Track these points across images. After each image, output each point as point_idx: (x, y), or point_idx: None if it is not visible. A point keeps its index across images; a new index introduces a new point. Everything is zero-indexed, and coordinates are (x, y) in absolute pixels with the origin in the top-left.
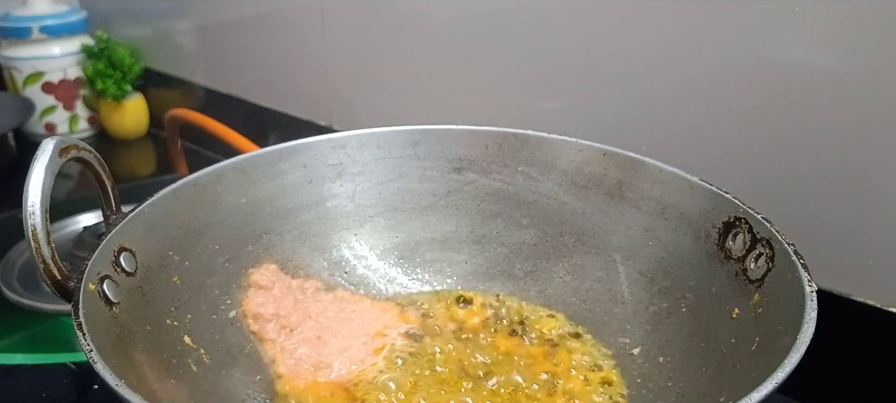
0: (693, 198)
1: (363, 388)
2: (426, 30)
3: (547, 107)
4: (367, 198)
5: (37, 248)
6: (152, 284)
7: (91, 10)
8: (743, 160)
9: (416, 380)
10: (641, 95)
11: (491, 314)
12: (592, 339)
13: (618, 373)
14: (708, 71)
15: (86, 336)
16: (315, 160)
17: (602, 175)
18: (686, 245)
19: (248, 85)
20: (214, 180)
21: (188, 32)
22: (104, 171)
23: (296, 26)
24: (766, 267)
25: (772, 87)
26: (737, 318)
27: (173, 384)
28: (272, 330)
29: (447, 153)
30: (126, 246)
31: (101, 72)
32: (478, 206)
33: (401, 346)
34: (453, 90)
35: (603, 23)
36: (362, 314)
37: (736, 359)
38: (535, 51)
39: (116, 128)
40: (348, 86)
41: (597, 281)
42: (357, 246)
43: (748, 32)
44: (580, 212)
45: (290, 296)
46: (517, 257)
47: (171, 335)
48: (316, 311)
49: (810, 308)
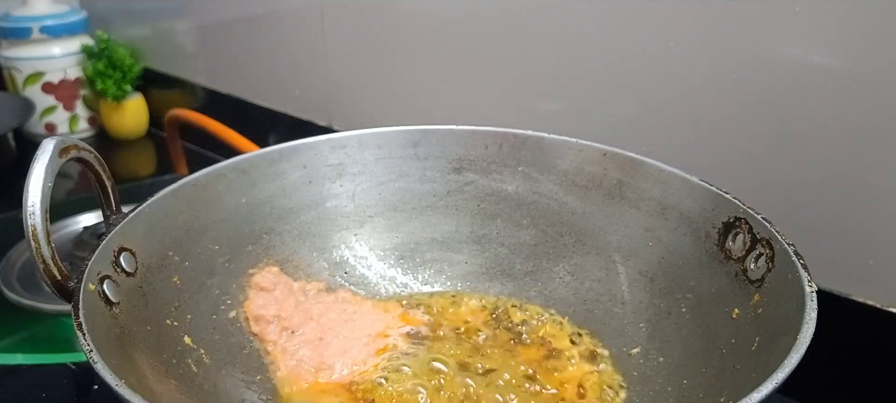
0: (693, 199)
1: (365, 388)
2: (426, 30)
3: (547, 108)
4: (367, 198)
5: (37, 248)
6: (152, 284)
7: (91, 10)
8: (743, 160)
9: (418, 380)
10: (641, 95)
11: (491, 314)
12: (592, 339)
13: (618, 373)
14: (708, 71)
15: (86, 337)
16: (315, 160)
17: (602, 175)
18: (686, 245)
19: (248, 85)
20: (214, 180)
21: (188, 32)
22: (104, 171)
23: (296, 26)
24: (766, 267)
25: (772, 87)
26: (737, 318)
27: (173, 384)
28: (274, 331)
29: (447, 153)
30: (126, 246)
31: (101, 72)
32: (478, 206)
33: (403, 347)
34: (453, 90)
35: (603, 23)
36: (364, 315)
37: (736, 359)
38: (536, 51)
39: (116, 129)
40: (348, 87)
41: (597, 281)
42: (357, 246)
43: (748, 32)
44: (580, 212)
45: (291, 298)
46: (517, 257)
47: (171, 335)
48: (317, 313)
49: (810, 308)
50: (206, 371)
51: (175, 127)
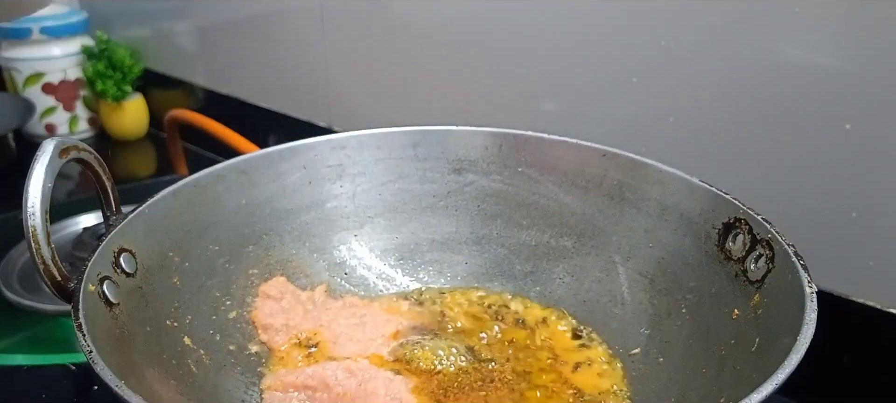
0: (693, 199)
1: (399, 356)
2: (426, 30)
3: (547, 108)
4: (367, 198)
5: (37, 249)
6: (152, 285)
7: (91, 11)
8: (743, 160)
9: (445, 349)
10: (641, 96)
11: (491, 315)
12: (592, 340)
13: (617, 374)
14: (708, 72)
15: (86, 337)
16: (315, 161)
17: (602, 176)
18: (686, 246)
19: (248, 86)
20: (214, 181)
21: (188, 33)
22: (104, 172)
23: (296, 27)
24: (767, 268)
25: (772, 88)
26: (737, 319)
27: (173, 385)
28: (282, 339)
29: (447, 154)
30: (126, 246)
31: (101, 73)
32: (478, 207)
33: (415, 339)
34: (453, 90)
35: (603, 24)
36: (374, 316)
37: (736, 360)
38: (535, 51)
39: (116, 129)
40: (348, 87)
41: (596, 281)
42: (357, 247)
43: (748, 33)
44: (580, 213)
45: (299, 307)
46: (517, 258)
47: (170, 336)
48: (327, 319)
49: (810, 309)
50: (206, 372)
51: (175, 127)
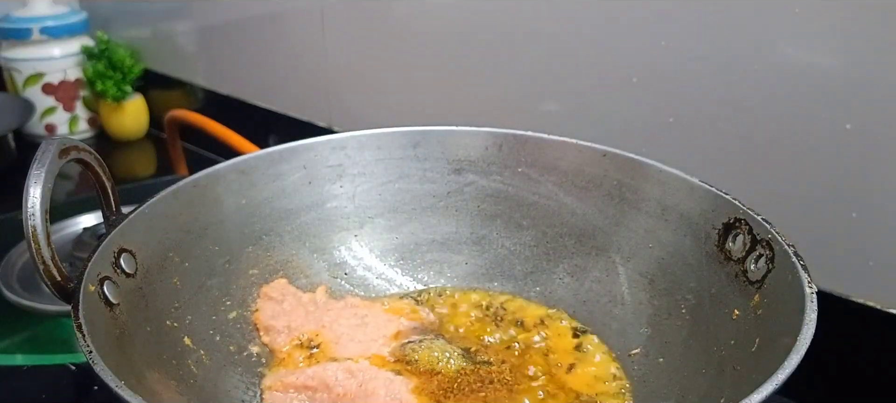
0: (693, 200)
1: (400, 356)
2: (426, 30)
3: (547, 108)
4: (367, 199)
5: (37, 249)
6: (152, 285)
7: (91, 11)
8: (743, 161)
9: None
10: (641, 96)
11: (491, 315)
12: (592, 340)
13: (617, 374)
14: (708, 72)
15: (85, 338)
16: (315, 161)
17: (602, 176)
18: (686, 246)
19: (248, 86)
20: (214, 181)
21: (188, 34)
22: (104, 172)
23: (296, 27)
24: (767, 268)
25: (772, 88)
26: (737, 319)
27: (173, 385)
28: (284, 340)
29: (447, 154)
30: (126, 247)
31: (102, 73)
32: (478, 207)
33: (418, 341)
34: (453, 91)
35: (603, 24)
36: (375, 317)
37: (736, 360)
38: (535, 51)
39: (116, 130)
40: (348, 87)
41: (597, 282)
42: (357, 247)
43: (748, 33)
44: (580, 213)
45: (300, 308)
46: (517, 258)
47: (170, 336)
48: (328, 320)
49: (810, 309)
50: (206, 372)
51: (175, 128)
